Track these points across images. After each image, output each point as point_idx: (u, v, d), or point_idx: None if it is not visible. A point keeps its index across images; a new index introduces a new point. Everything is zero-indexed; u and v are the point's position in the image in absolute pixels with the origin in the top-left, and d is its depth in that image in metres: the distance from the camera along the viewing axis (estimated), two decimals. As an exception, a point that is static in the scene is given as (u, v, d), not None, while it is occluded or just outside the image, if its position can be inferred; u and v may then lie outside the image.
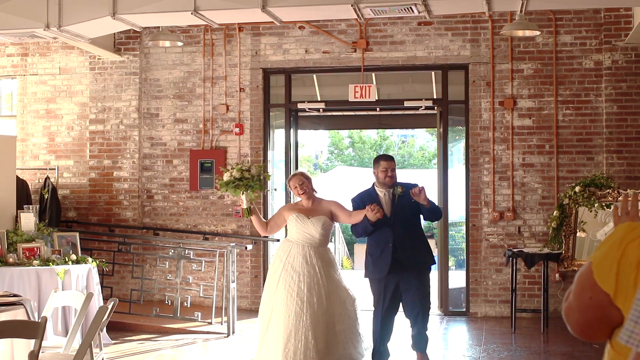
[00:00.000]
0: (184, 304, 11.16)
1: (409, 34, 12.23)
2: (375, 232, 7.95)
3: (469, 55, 12.07)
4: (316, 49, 12.46)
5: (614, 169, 11.58)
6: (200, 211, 12.74)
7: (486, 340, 10.22)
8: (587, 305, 2.13)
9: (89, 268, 9.42)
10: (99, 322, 6.07)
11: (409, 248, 7.97)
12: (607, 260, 2.10)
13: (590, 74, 11.78)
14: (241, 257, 12.35)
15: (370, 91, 12.05)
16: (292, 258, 7.95)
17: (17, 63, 13.30)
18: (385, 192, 8.08)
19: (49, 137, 13.15)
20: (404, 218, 8.00)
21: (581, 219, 10.78)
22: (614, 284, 2.08)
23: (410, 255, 7.95)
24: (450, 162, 12.61)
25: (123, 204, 12.90)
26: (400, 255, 7.92)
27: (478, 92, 12.03)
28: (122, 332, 10.50)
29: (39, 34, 10.38)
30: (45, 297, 8.23)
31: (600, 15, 11.72)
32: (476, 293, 11.98)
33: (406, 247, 7.95)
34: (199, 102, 12.76)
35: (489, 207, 11.95)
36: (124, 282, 12.47)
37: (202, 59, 12.75)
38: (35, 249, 9.31)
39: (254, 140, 12.61)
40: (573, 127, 11.82)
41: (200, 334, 10.63)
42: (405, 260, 7.92)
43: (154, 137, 12.92)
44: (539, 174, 11.89)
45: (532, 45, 11.91)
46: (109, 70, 12.94)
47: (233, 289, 10.75)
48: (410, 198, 7.89)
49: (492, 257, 11.90)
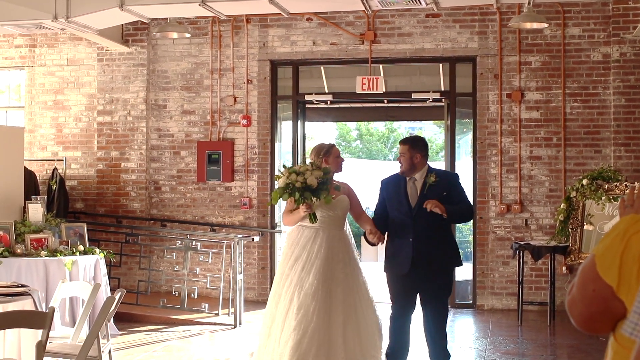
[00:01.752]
0: (191, 295, 11.19)
1: (416, 26, 12.21)
2: (397, 224, 7.12)
3: (476, 48, 12.05)
4: (324, 41, 12.45)
5: (622, 161, 11.55)
6: (208, 202, 12.75)
7: (493, 333, 10.23)
8: (590, 297, 2.13)
9: (96, 259, 9.45)
10: (106, 313, 6.09)
11: (431, 246, 7.02)
12: (610, 253, 2.11)
13: (599, 66, 11.75)
14: (248, 248, 12.36)
15: (378, 83, 12.04)
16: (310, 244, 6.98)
17: (25, 54, 13.32)
18: (415, 179, 7.10)
19: (57, 128, 13.17)
20: (429, 212, 6.88)
21: (588, 211, 10.77)
22: (617, 276, 2.08)
23: (432, 253, 7.01)
24: (457, 155, 12.60)
25: (131, 195, 12.92)
26: (420, 253, 6.99)
27: (486, 85, 12.01)
28: (129, 323, 10.53)
29: (47, 25, 10.40)
30: (53, 287, 8.25)
31: (608, 7, 11.69)
32: (483, 285, 11.98)
33: (427, 245, 7.01)
34: (206, 93, 12.77)
35: (496, 200, 11.94)
36: (131, 273, 12.50)
37: (210, 50, 12.75)
38: (43, 239, 9.34)
39: (261, 132, 12.61)
40: (581, 120, 11.80)
41: (207, 325, 10.66)
42: (425, 258, 6.99)
43: (162, 128, 12.94)
44: (547, 166, 11.87)
45: (540, 38, 11.88)
46: (117, 62, 12.95)
47: (240, 281, 10.77)
48: (441, 189, 6.99)
49: (499, 250, 11.89)
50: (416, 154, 7.06)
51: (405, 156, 7.07)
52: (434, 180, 7.00)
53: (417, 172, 7.09)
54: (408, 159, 7.06)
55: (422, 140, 7.37)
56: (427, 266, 7.01)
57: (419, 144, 7.19)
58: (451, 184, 7.14)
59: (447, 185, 7.07)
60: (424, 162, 7.13)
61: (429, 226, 6.97)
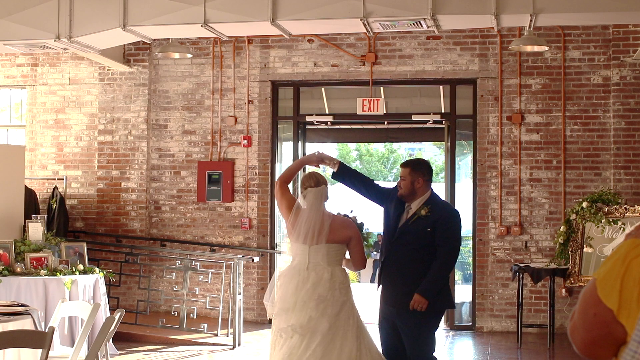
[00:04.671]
0: (190, 315, 11.16)
1: (417, 48, 12.26)
2: (383, 242, 6.59)
3: (477, 70, 12.09)
4: (325, 62, 12.50)
5: (622, 184, 11.56)
6: (208, 223, 12.75)
7: (492, 356, 10.20)
8: (591, 322, 2.13)
9: (96, 278, 9.44)
10: (106, 333, 6.08)
11: (399, 282, 6.33)
12: (611, 277, 2.11)
13: (599, 89, 11.79)
14: (248, 269, 12.35)
15: (379, 105, 12.08)
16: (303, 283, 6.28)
17: (26, 73, 13.37)
18: (408, 207, 6.47)
19: (58, 147, 13.20)
20: (408, 245, 6.35)
21: (588, 234, 10.77)
22: (618, 299, 2.08)
23: (399, 291, 6.31)
24: (457, 176, 12.62)
25: (130, 214, 12.92)
26: (387, 287, 6.42)
27: (486, 107, 12.05)
28: (128, 343, 10.50)
29: (50, 44, 10.44)
30: (52, 307, 8.24)
31: (608, 31, 11.74)
32: (482, 307, 11.96)
33: (395, 280, 6.36)
34: (207, 114, 12.80)
35: (496, 222, 11.94)
36: (131, 293, 12.48)
37: (211, 71, 12.79)
38: (42, 258, 9.33)
39: (261, 152, 12.64)
40: (581, 143, 11.82)
41: (206, 346, 10.63)
42: (392, 294, 6.36)
43: (162, 148, 12.96)
44: (547, 189, 11.88)
45: (541, 61, 11.93)
46: (118, 81, 12.99)
47: (239, 301, 10.76)
48: (427, 224, 6.31)
49: (498, 272, 11.89)
50: (418, 178, 6.44)
51: (406, 180, 6.43)
52: (424, 213, 6.32)
53: (417, 199, 6.44)
54: (409, 183, 6.43)
55: (425, 163, 6.75)
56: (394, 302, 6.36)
57: (421, 167, 6.58)
58: (441, 221, 6.36)
59: (436, 221, 6.33)
60: (425, 188, 6.48)
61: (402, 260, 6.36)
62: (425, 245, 6.31)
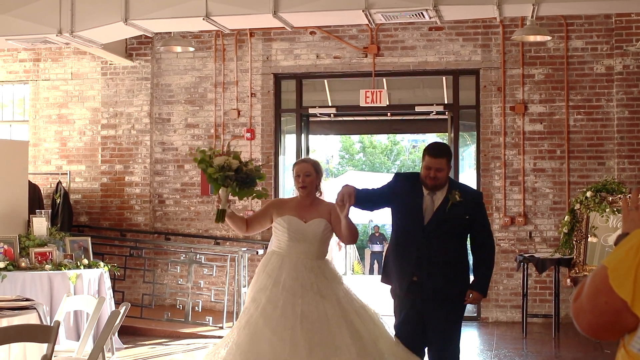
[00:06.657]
0: (195, 308, 11.18)
1: (420, 39, 12.24)
2: (404, 233, 6.05)
3: (480, 61, 12.07)
4: (327, 54, 12.48)
5: (626, 174, 11.55)
6: (212, 216, 12.74)
7: (497, 346, 10.21)
8: (602, 309, 2.12)
9: (100, 272, 9.45)
10: (111, 327, 6.09)
11: (439, 274, 5.86)
12: (624, 267, 2.08)
13: (602, 79, 11.77)
14: (252, 261, 12.34)
15: (381, 96, 12.07)
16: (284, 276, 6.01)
17: (29, 68, 13.37)
18: (431, 194, 5.92)
19: (61, 142, 13.20)
20: (445, 233, 5.88)
21: (592, 224, 10.75)
22: (632, 291, 2.05)
23: (438, 283, 5.86)
24: (461, 167, 12.61)
25: (135, 208, 12.93)
26: (424, 280, 5.86)
27: (489, 97, 12.03)
28: (133, 337, 10.52)
29: (52, 39, 10.44)
30: (58, 301, 8.25)
31: (611, 20, 11.71)
32: (487, 298, 11.95)
33: (434, 272, 5.85)
34: (210, 107, 12.79)
35: (500, 212, 11.94)
36: (136, 287, 12.49)
37: (214, 64, 12.78)
38: (47, 253, 9.34)
39: (265, 145, 12.63)
40: (584, 132, 11.80)
41: (211, 339, 10.63)
42: (430, 288, 5.87)
43: (166, 142, 12.96)
44: (550, 179, 11.87)
45: (543, 51, 11.90)
46: (121, 76, 12.99)
47: (244, 294, 10.76)
48: (464, 211, 5.88)
49: (503, 262, 11.88)
50: (450, 167, 6.01)
51: (445, 170, 5.89)
52: (458, 198, 5.85)
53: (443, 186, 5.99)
54: (446, 174, 5.93)
55: (449, 148, 6.32)
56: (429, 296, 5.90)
57: (451, 153, 6.11)
58: (476, 207, 6.01)
59: (472, 208, 5.95)
60: None
61: (440, 250, 5.87)
62: (460, 232, 5.99)
